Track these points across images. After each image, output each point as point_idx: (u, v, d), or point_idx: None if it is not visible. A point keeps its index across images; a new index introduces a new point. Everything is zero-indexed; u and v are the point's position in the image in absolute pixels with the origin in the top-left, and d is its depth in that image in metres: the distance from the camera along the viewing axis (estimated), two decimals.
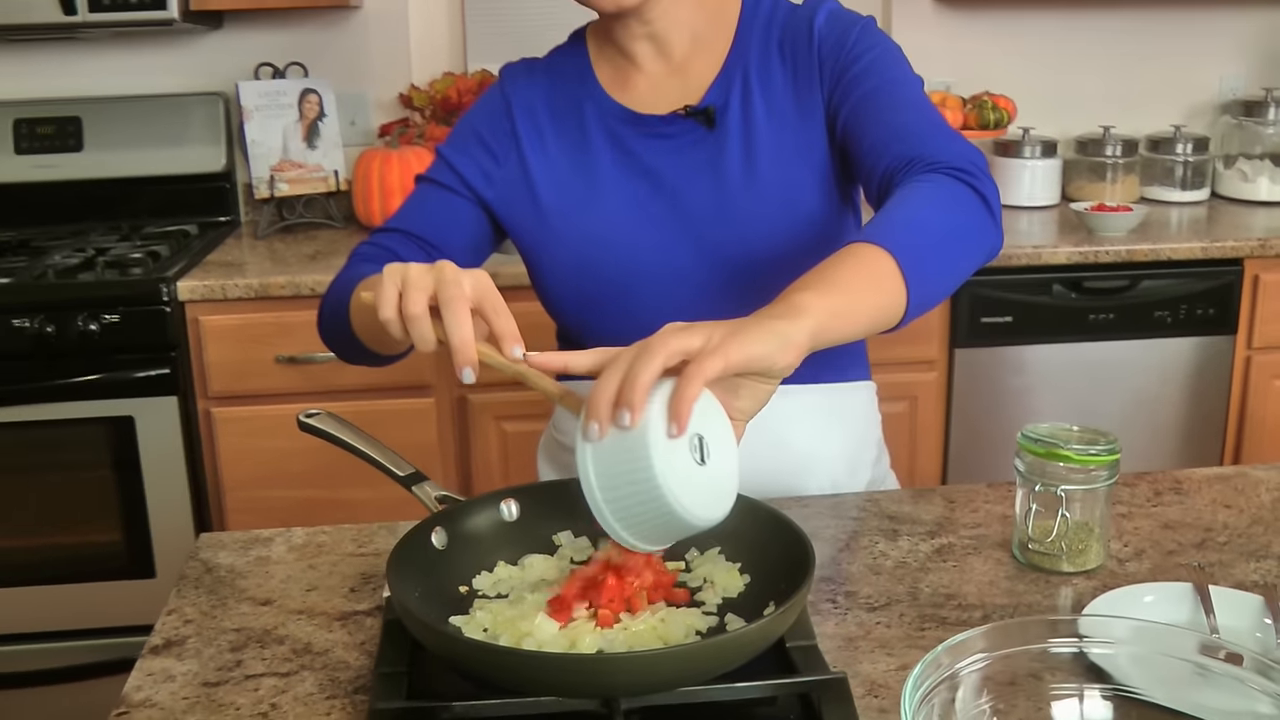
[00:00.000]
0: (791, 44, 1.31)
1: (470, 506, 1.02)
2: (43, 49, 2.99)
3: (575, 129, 1.34)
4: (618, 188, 1.31)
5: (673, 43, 1.33)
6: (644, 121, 1.32)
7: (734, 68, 1.31)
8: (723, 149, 1.29)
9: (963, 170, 1.15)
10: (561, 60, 1.39)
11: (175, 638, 1.04)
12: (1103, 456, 1.10)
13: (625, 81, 1.35)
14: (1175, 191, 3.18)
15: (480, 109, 1.40)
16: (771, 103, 1.30)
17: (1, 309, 2.39)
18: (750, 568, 0.97)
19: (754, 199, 1.28)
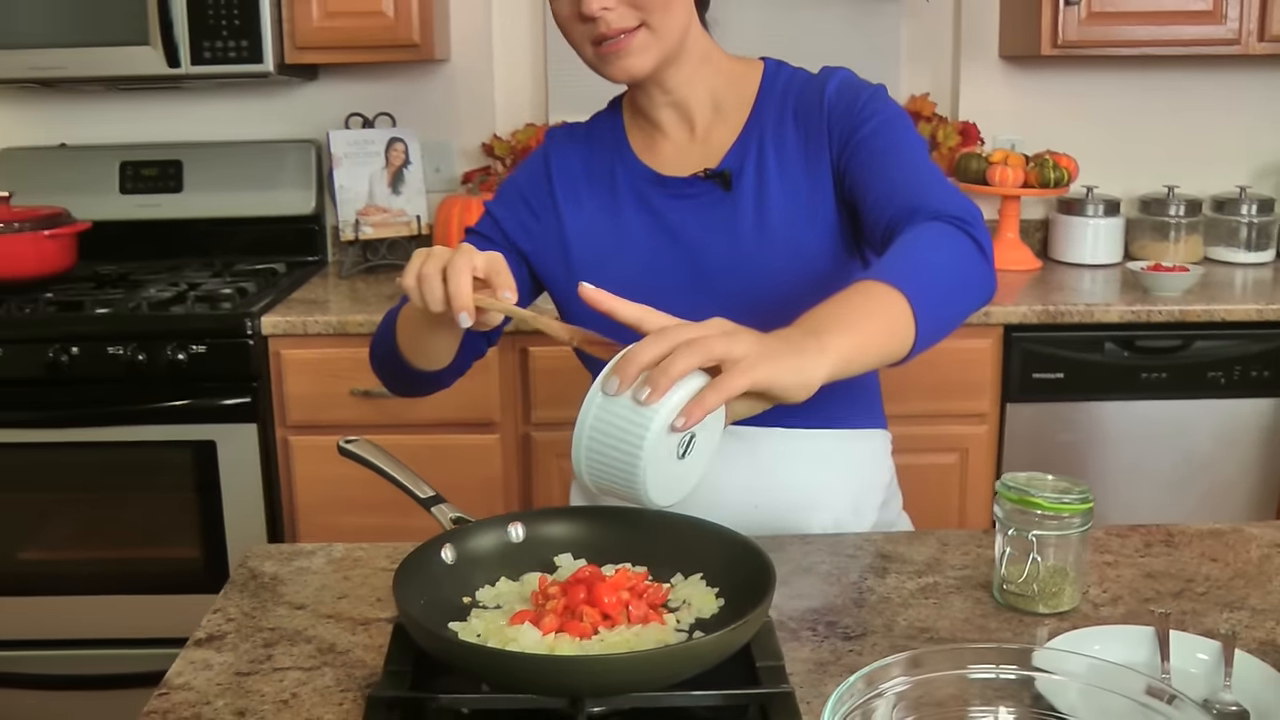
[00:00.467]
0: (805, 111, 1.41)
1: (480, 527, 1.13)
2: (148, 97, 3.21)
3: (608, 190, 1.46)
4: (641, 243, 1.43)
5: (695, 110, 1.44)
6: (667, 183, 1.43)
7: (751, 134, 1.42)
8: (737, 209, 1.40)
9: (960, 219, 1.23)
10: (600, 126, 1.51)
11: (217, 633, 1.17)
12: (1075, 505, 1.17)
13: (653, 146, 1.46)
14: (1240, 252, 3.20)
15: (524, 170, 1.53)
16: (784, 166, 1.40)
17: (98, 337, 2.57)
18: (725, 592, 1.06)
19: (765, 255, 1.38)
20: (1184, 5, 2.89)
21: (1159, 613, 1.15)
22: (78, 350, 2.57)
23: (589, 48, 1.36)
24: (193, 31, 2.76)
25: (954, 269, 1.20)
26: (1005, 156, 3.05)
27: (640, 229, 1.44)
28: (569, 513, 1.17)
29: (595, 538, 1.13)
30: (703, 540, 1.09)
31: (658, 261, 1.42)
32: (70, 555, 2.72)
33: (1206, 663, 1.08)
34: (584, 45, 1.36)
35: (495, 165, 3.21)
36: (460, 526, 1.12)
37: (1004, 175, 3.01)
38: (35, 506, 2.71)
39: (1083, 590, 1.23)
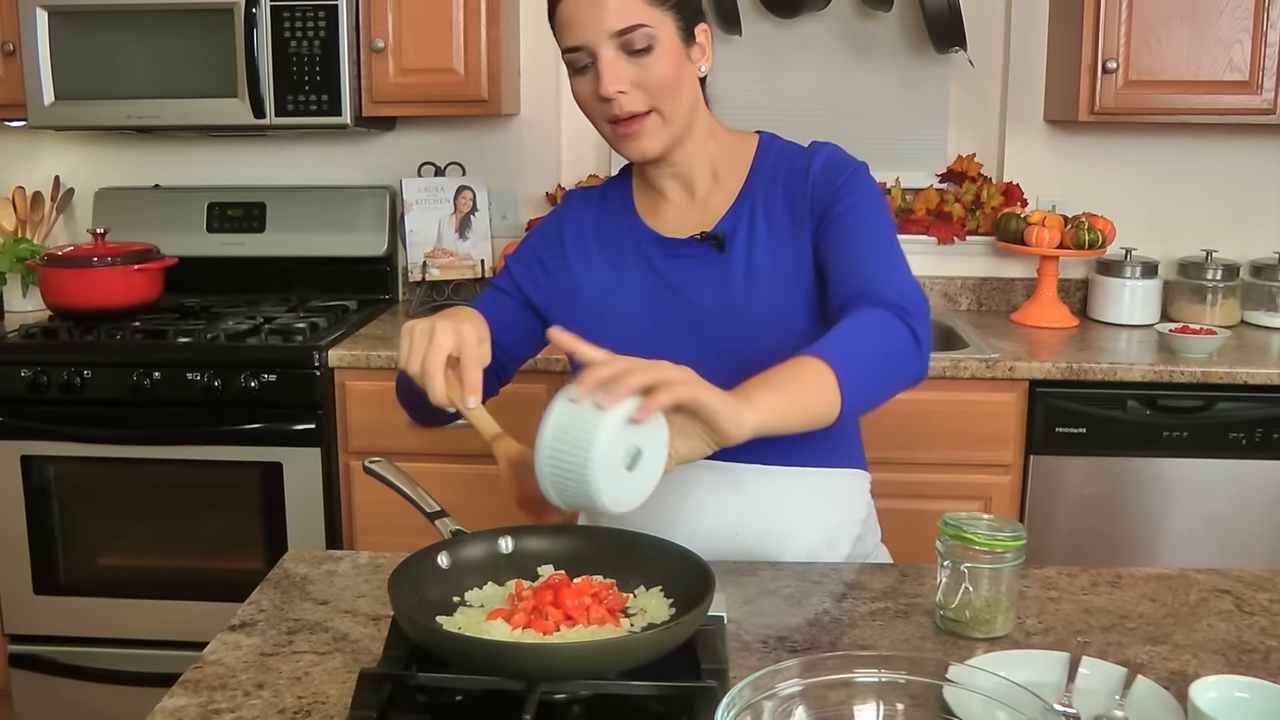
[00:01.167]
0: (793, 183, 1.58)
1: (475, 538, 1.30)
2: (236, 144, 3.46)
3: (614, 249, 1.64)
4: (642, 297, 1.60)
5: (695, 180, 1.62)
6: (667, 244, 1.61)
7: (744, 202, 1.59)
8: (729, 268, 1.57)
9: (901, 308, 1.40)
10: (611, 191, 1.70)
11: (249, 620, 1.35)
12: (1007, 542, 1.31)
13: (656, 210, 1.64)
14: (1276, 317, 3.27)
15: (540, 230, 1.72)
16: (773, 232, 1.57)
17: (179, 364, 2.80)
18: (678, 602, 1.22)
19: (751, 311, 1.55)
20: (1220, 75, 3.00)
21: (1077, 641, 1.28)
22: (159, 375, 2.80)
23: (606, 126, 1.54)
24: (277, 86, 2.99)
25: (884, 353, 1.38)
26: (1043, 218, 3.17)
27: (641, 284, 1.61)
28: (552, 529, 1.34)
29: (574, 552, 1.30)
30: (664, 558, 1.26)
31: (656, 314, 1.59)
32: (146, 562, 2.95)
33: (1109, 686, 1.21)
34: (601, 123, 1.54)
35: None
36: (457, 537, 1.29)
37: (1040, 236, 3.14)
38: (116, 516, 2.94)
39: (1016, 618, 1.36)
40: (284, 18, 2.97)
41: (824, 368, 1.29)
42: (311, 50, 2.98)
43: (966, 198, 3.36)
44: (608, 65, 1.46)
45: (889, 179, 3.38)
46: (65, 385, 2.81)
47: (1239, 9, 2.95)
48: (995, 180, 3.43)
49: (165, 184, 3.49)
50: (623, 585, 1.25)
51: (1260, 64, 2.98)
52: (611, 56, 1.46)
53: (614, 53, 1.47)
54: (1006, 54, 3.38)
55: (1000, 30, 3.38)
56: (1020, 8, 3.33)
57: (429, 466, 2.81)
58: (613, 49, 1.46)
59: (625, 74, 1.47)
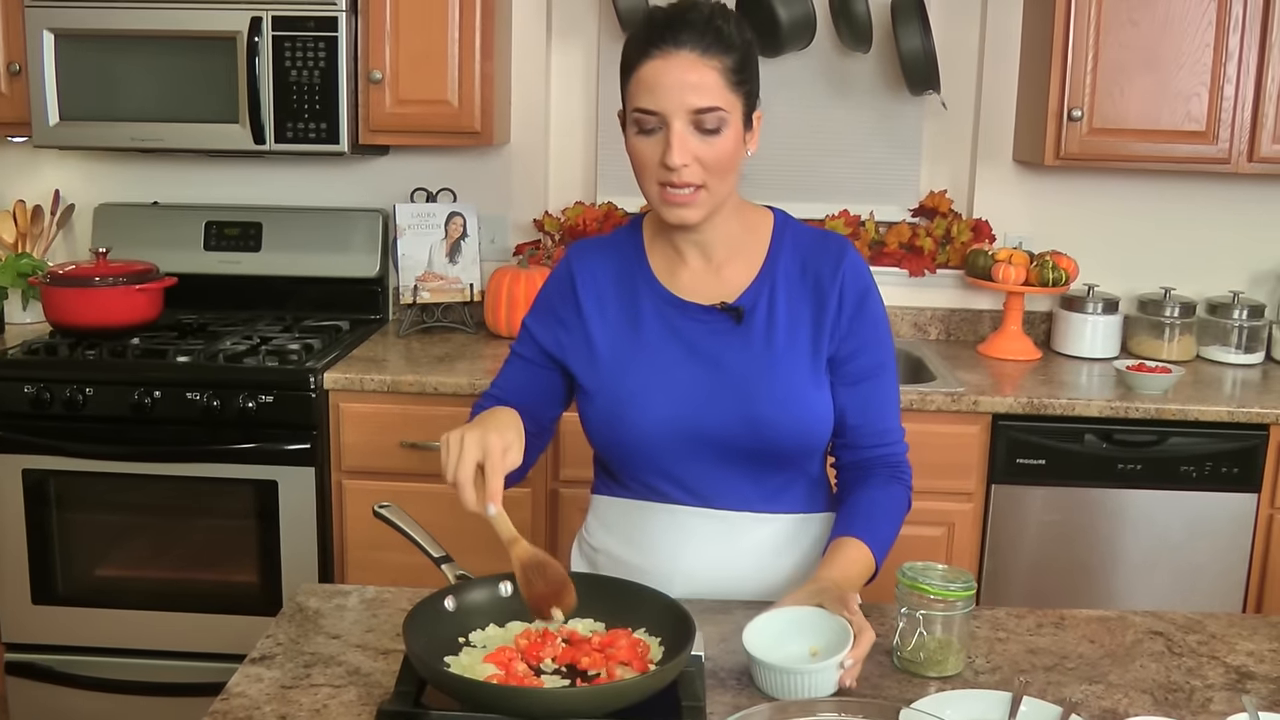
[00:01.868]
0: (815, 271, 1.72)
1: (477, 583, 1.43)
2: (234, 164, 3.57)
3: (630, 303, 1.73)
4: (661, 352, 1.70)
5: (715, 249, 1.73)
6: (687, 308, 1.71)
7: (764, 279, 1.72)
8: (747, 340, 1.69)
9: (906, 472, 1.79)
10: (622, 243, 1.79)
11: (268, 653, 1.47)
12: (958, 592, 1.45)
13: (672, 271, 1.74)
14: (1231, 353, 3.43)
15: (552, 284, 1.81)
16: (791, 313, 1.70)
17: (179, 383, 2.91)
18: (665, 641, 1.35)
19: (763, 382, 1.68)
20: (1179, 125, 3.15)
21: (1019, 680, 1.42)
22: (160, 394, 2.91)
23: (655, 187, 1.63)
24: (277, 114, 3.11)
25: (898, 525, 1.75)
26: (1010, 255, 3.32)
27: (659, 340, 1.71)
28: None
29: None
30: (650, 603, 1.39)
31: (674, 368, 1.69)
32: (142, 574, 3.05)
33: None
34: (651, 183, 1.63)
35: (546, 240, 3.54)
36: (461, 582, 1.42)
37: (1007, 273, 3.28)
38: (114, 529, 3.05)
39: (966, 659, 1.50)
40: (285, 47, 3.09)
41: (868, 555, 1.67)
42: (311, 79, 3.10)
43: (937, 232, 3.50)
44: (678, 137, 1.57)
45: (864, 212, 3.52)
46: (68, 401, 2.92)
47: (1198, 64, 3.11)
48: (965, 216, 3.57)
49: (164, 201, 3.60)
50: (611, 625, 1.38)
51: (1217, 116, 3.14)
52: (682, 129, 1.58)
53: (686, 126, 1.58)
54: (978, 96, 3.52)
55: (973, 73, 3.52)
56: (992, 52, 3.48)
57: (415, 486, 2.95)
58: (685, 122, 1.58)
59: (692, 148, 1.58)
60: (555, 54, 3.57)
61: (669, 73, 1.56)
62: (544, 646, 1.32)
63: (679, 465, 1.70)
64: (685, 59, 1.57)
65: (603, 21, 3.51)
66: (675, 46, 1.57)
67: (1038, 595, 3.00)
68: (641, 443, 1.69)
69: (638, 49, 1.60)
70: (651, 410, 1.67)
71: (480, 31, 3.12)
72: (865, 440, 1.76)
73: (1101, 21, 3.10)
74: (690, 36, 1.57)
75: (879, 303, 1.76)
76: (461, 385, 2.90)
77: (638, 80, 1.59)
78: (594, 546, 1.83)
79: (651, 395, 1.68)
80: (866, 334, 1.73)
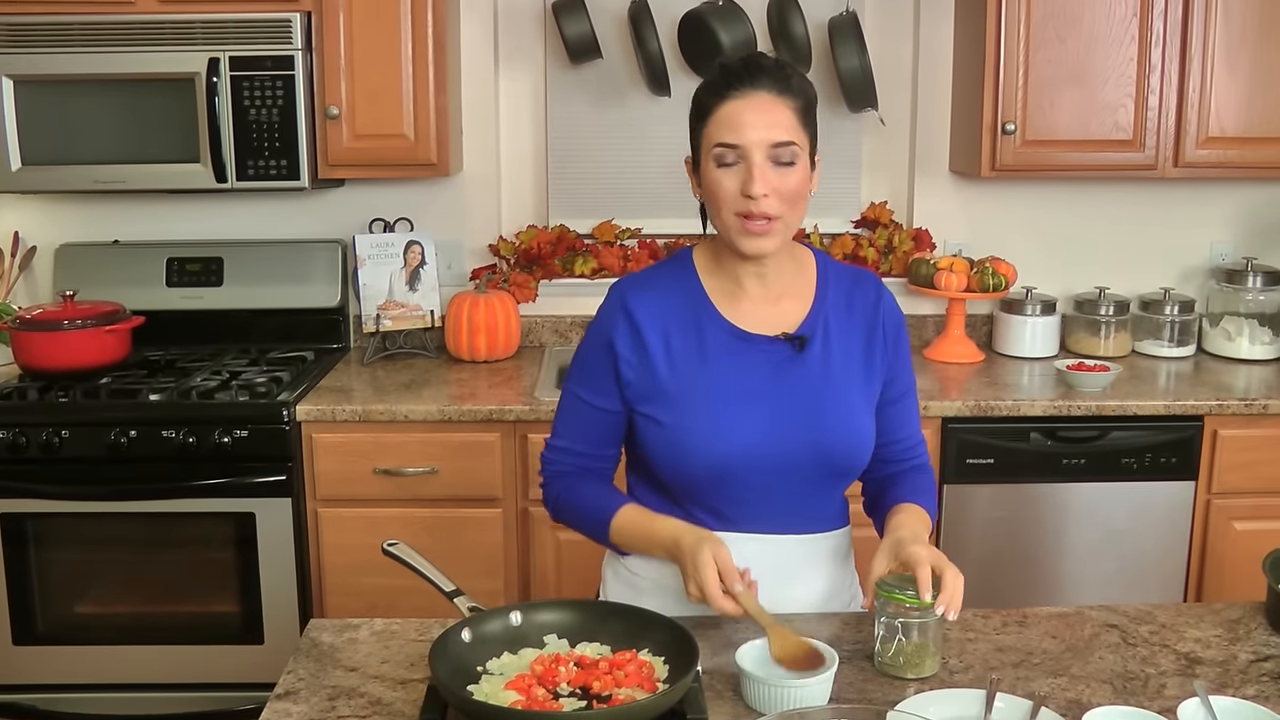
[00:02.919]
0: (861, 307, 1.86)
1: (489, 615, 1.53)
2: (193, 200, 3.62)
3: (695, 336, 1.80)
4: (728, 387, 1.78)
5: (774, 281, 1.82)
6: (752, 339, 1.81)
7: (819, 310, 1.83)
8: (807, 368, 1.80)
9: (929, 467, 1.97)
10: (674, 276, 1.85)
11: (292, 689, 1.56)
12: (932, 602, 1.57)
13: (733, 302, 1.82)
14: (1164, 347, 3.60)
15: (607, 325, 1.83)
16: (843, 343, 1.83)
17: (153, 422, 2.97)
18: (670, 660, 1.46)
19: (826, 408, 1.79)
20: (1108, 135, 3.32)
21: (992, 678, 1.55)
22: (135, 433, 2.96)
23: (734, 218, 1.72)
24: (238, 152, 3.17)
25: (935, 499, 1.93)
26: (951, 263, 3.47)
27: (727, 371, 1.79)
28: (554, 604, 1.57)
29: (574, 623, 1.55)
30: (654, 626, 1.49)
31: (745, 399, 1.78)
32: (122, 609, 3.10)
33: (1019, 718, 1.48)
34: (729, 214, 1.72)
35: (501, 264, 3.63)
36: (475, 614, 1.52)
37: (948, 280, 3.43)
38: (94, 568, 3.10)
39: (941, 660, 1.62)
40: (244, 87, 3.16)
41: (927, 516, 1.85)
42: (270, 117, 3.17)
43: (880, 242, 3.64)
44: (759, 169, 1.69)
45: (808, 225, 3.65)
46: (44, 445, 2.96)
47: (1123, 77, 3.27)
48: (906, 226, 3.71)
49: (124, 239, 3.65)
50: (617, 648, 1.49)
51: (1143, 125, 3.31)
52: (762, 162, 1.69)
53: (765, 159, 1.69)
54: (914, 111, 3.67)
55: (908, 88, 3.67)
56: (925, 69, 3.63)
57: (390, 512, 3.05)
58: (764, 156, 1.69)
59: (771, 179, 1.70)
60: (504, 81, 3.66)
61: (749, 110, 1.70)
62: (558, 672, 1.42)
63: (742, 491, 1.78)
64: (763, 99, 1.70)
65: (549, 49, 3.61)
66: (753, 88, 1.71)
67: (992, 590, 3.14)
68: (711, 470, 1.77)
69: (715, 92, 1.73)
70: (724, 439, 1.76)
71: (433, 65, 3.21)
72: (898, 455, 1.93)
73: (1030, 40, 3.25)
74: (766, 80, 1.71)
75: (908, 332, 1.94)
76: (430, 412, 2.99)
77: (717, 119, 1.71)
78: (634, 571, 1.89)
79: (723, 425, 1.76)
80: (903, 361, 1.91)
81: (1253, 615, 1.82)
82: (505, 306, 3.45)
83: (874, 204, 3.70)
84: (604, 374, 1.83)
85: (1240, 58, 3.28)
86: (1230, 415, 3.11)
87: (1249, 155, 3.35)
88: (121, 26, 3.14)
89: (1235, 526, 3.15)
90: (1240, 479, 3.13)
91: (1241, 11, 3.25)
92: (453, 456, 3.03)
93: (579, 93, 3.65)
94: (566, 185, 3.69)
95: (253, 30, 3.14)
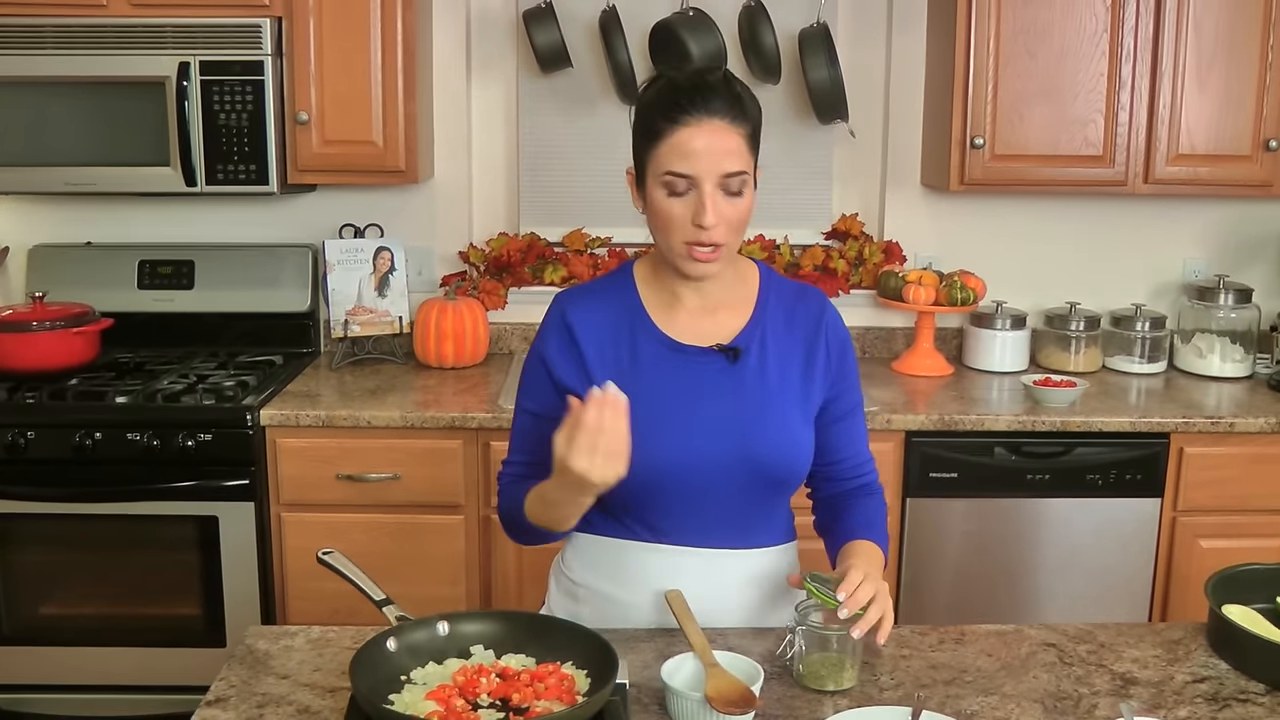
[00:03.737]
0: (803, 322, 1.86)
1: (417, 624, 1.53)
2: (166, 204, 3.63)
3: (630, 346, 1.82)
4: (660, 398, 1.78)
5: (710, 293, 1.84)
6: (685, 350, 1.82)
7: (756, 323, 1.84)
8: (741, 380, 1.81)
9: (877, 484, 1.97)
10: (613, 288, 1.86)
11: (223, 695, 1.56)
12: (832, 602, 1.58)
13: (669, 315, 1.84)
14: (1135, 363, 3.60)
15: (549, 337, 1.84)
16: (780, 356, 1.83)
17: (119, 424, 2.97)
18: (592, 674, 1.46)
19: (758, 419, 1.79)
20: (1077, 150, 3.32)
21: (918, 695, 1.55)
22: (100, 435, 2.97)
23: (682, 245, 1.73)
24: (208, 156, 3.18)
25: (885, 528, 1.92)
26: (920, 276, 3.47)
27: (660, 381, 1.80)
28: (482, 615, 1.58)
29: (500, 634, 1.54)
30: (575, 638, 1.50)
31: (677, 410, 1.78)
32: (87, 610, 3.11)
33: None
34: (678, 240, 1.72)
35: (471, 271, 3.63)
36: (402, 624, 1.52)
37: (917, 294, 3.43)
38: (59, 569, 3.09)
39: (867, 675, 1.63)
40: (213, 91, 3.16)
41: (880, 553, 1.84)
42: (240, 122, 3.17)
43: (850, 254, 3.64)
44: (711, 199, 1.69)
45: (778, 236, 3.66)
46: (10, 446, 2.96)
47: (1092, 93, 3.28)
48: (877, 238, 3.72)
49: (97, 241, 3.65)
50: (542, 659, 1.49)
51: (1113, 140, 3.31)
52: (713, 191, 1.70)
53: (715, 189, 1.70)
54: (886, 122, 3.67)
55: (880, 101, 3.67)
56: (897, 81, 3.63)
57: (352, 518, 3.05)
58: (715, 185, 1.70)
59: (722, 210, 1.70)
60: (475, 90, 3.67)
61: (701, 138, 1.68)
62: (479, 683, 1.43)
63: (675, 502, 1.78)
64: (716, 126, 1.69)
65: (520, 58, 3.61)
66: (708, 114, 1.69)
67: (956, 605, 3.15)
68: (643, 480, 1.76)
69: (666, 115, 1.71)
70: (654, 448, 1.76)
71: (402, 73, 3.21)
72: (846, 473, 1.93)
73: (1000, 54, 3.26)
74: (719, 105, 1.69)
75: (853, 349, 1.94)
76: (394, 419, 2.99)
77: (669, 145, 1.70)
78: (575, 581, 1.91)
79: (654, 434, 1.76)
80: (849, 379, 1.91)
81: (1194, 636, 1.82)
82: (474, 313, 3.45)
83: (845, 216, 3.70)
84: (543, 383, 1.84)
85: (1211, 74, 3.28)
86: (1196, 433, 3.11)
87: (1219, 173, 3.35)
88: (94, 30, 3.14)
89: (1201, 544, 3.15)
90: (1206, 496, 3.14)
91: (1213, 28, 3.26)
92: (415, 463, 3.03)
93: (550, 101, 3.66)
94: (537, 193, 3.69)
95: (223, 35, 3.14)
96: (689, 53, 3.33)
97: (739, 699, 1.46)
